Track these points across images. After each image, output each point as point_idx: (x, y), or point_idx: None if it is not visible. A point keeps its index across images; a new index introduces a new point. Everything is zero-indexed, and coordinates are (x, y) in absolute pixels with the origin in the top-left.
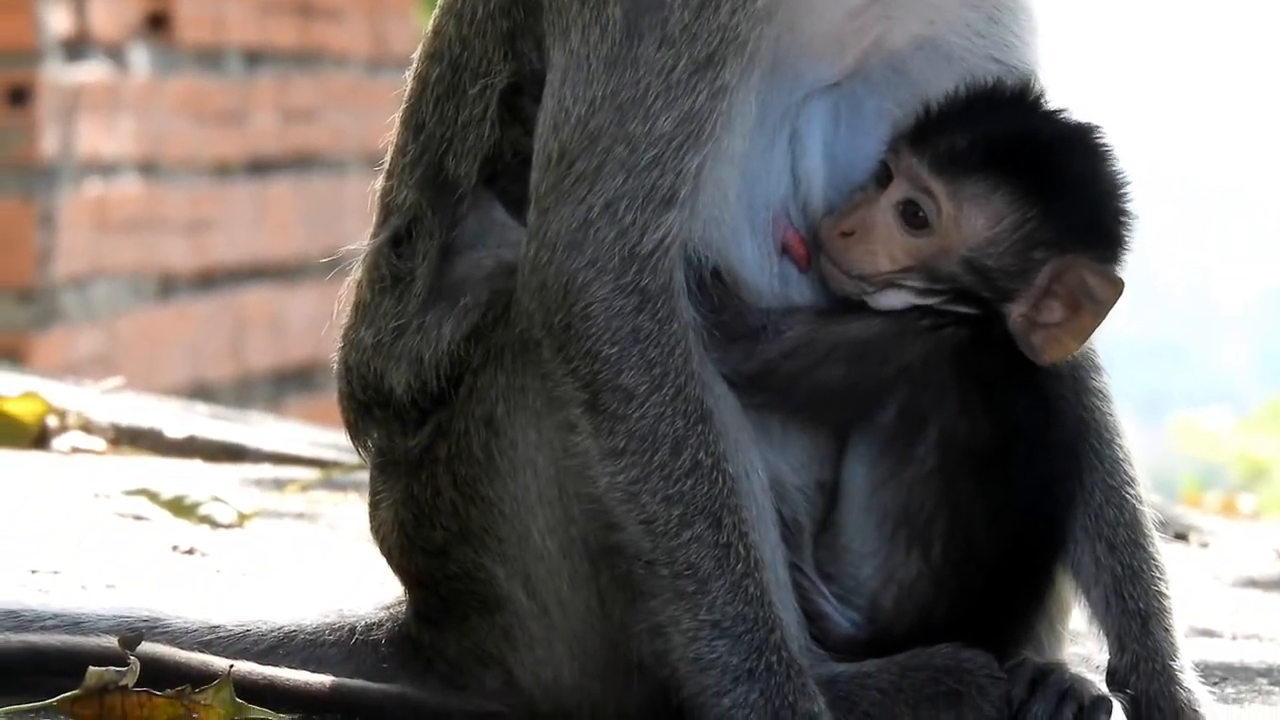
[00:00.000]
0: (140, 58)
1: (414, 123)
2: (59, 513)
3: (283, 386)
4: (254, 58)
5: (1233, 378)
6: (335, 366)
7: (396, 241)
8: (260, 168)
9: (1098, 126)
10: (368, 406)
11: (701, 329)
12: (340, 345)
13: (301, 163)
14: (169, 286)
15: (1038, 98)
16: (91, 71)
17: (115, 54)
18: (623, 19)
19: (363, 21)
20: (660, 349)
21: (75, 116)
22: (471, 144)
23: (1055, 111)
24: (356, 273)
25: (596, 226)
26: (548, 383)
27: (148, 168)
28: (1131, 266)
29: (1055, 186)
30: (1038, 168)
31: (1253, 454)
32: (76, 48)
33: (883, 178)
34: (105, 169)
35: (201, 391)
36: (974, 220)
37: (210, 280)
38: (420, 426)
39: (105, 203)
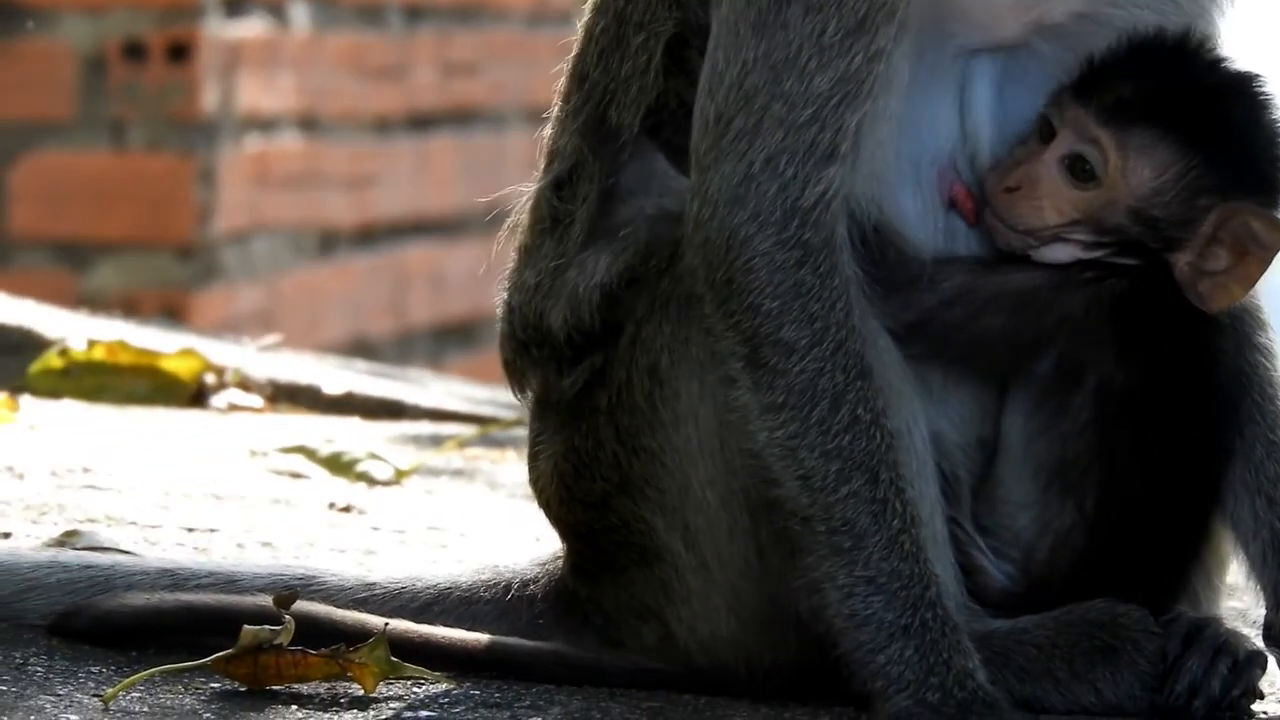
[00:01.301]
0: (300, 13)
1: (579, 73)
2: (216, 471)
3: (443, 342)
4: (414, 12)
5: None
6: (499, 309)
7: (559, 185)
8: (421, 123)
9: (1259, 75)
10: (526, 346)
11: (863, 283)
12: (505, 288)
13: (462, 117)
14: (329, 242)
15: (1198, 47)
16: (251, 27)
17: (275, 9)
18: None
19: None
20: (821, 303)
21: (235, 72)
22: (635, 95)
23: (1216, 60)
24: (520, 216)
25: (758, 181)
26: (709, 337)
27: (308, 123)
28: None
29: (1218, 134)
30: (1200, 116)
31: None
32: (237, 4)
33: (1045, 132)
34: (265, 125)
35: (362, 348)
36: (1141, 170)
37: (371, 236)
38: (575, 365)
39: (265, 159)
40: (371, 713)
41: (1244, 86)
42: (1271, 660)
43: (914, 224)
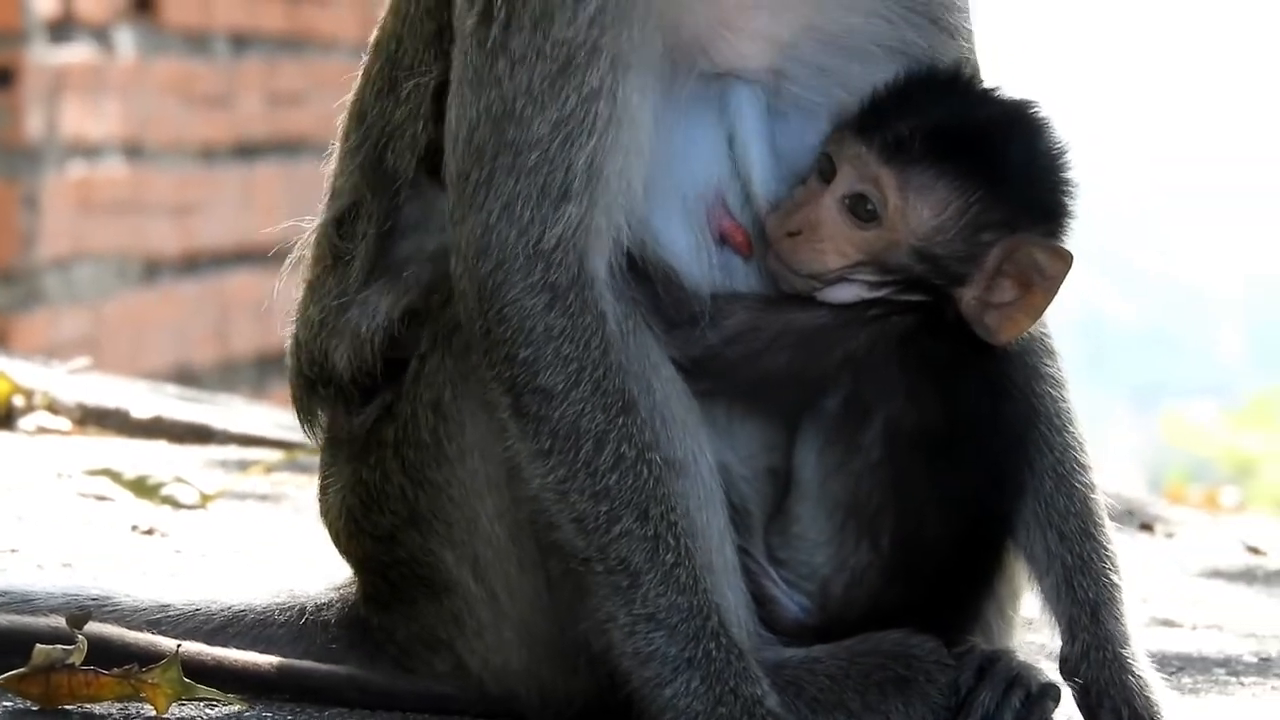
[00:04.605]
0: (126, 39)
1: (358, 111)
2: (20, 492)
3: (266, 370)
4: (241, 41)
5: (1227, 366)
6: (287, 344)
7: (339, 222)
8: (247, 151)
9: (1032, 102)
10: (313, 384)
11: (630, 316)
12: (293, 322)
13: (288, 147)
14: (153, 269)
15: (970, 80)
16: (77, 53)
17: (101, 35)
18: (479, 44)
19: (350, 5)
20: (574, 345)
21: (60, 98)
22: (409, 141)
23: (989, 92)
24: (304, 251)
25: (498, 230)
26: (482, 387)
27: (133, 150)
28: (1127, 257)
29: (995, 168)
30: (976, 151)
31: (1241, 449)
32: (62, 29)
33: (826, 171)
34: (90, 151)
35: (185, 375)
36: (920, 210)
37: (195, 263)
38: (364, 406)
39: (90, 185)
40: None
41: (1019, 116)
42: (1065, 692)
43: (687, 260)
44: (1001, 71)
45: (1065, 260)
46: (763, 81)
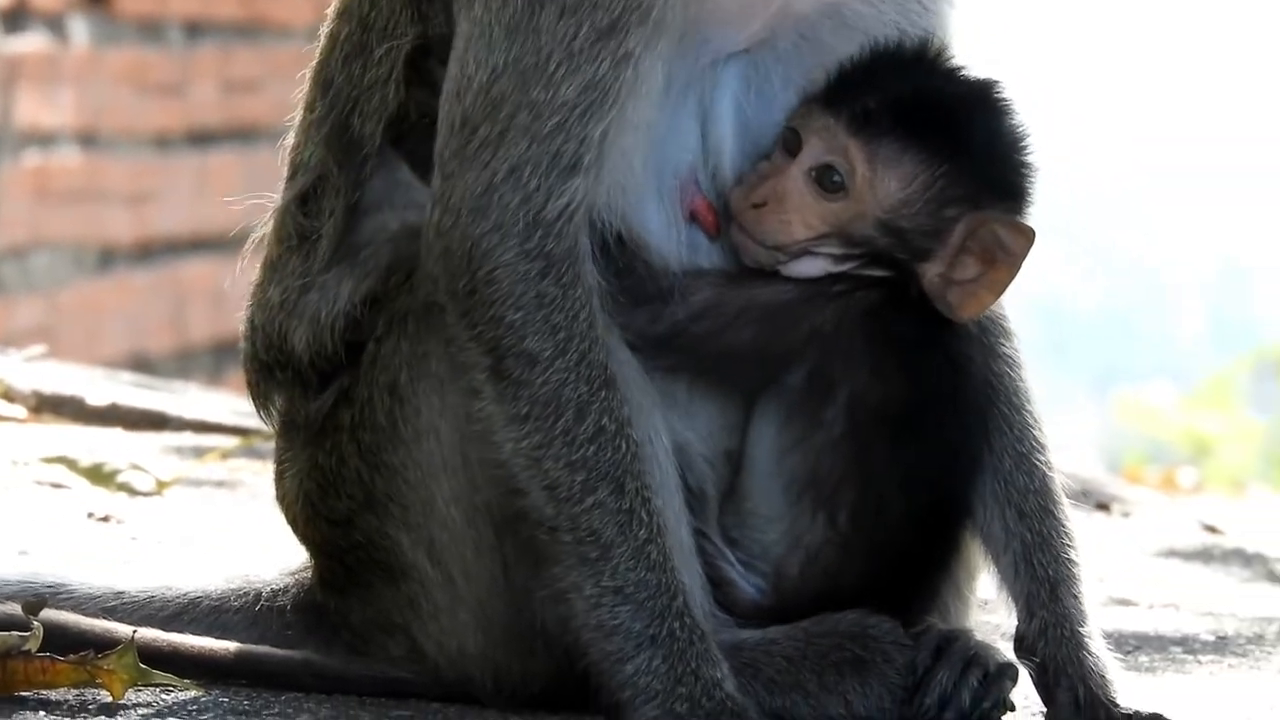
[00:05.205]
0: (80, 28)
1: (323, 79)
2: None
3: (223, 358)
4: (195, 29)
5: (1186, 352)
6: (242, 327)
7: (304, 200)
8: (201, 139)
9: (997, 82)
10: (270, 368)
11: (607, 294)
12: (249, 305)
13: (243, 134)
14: (109, 258)
15: (937, 56)
16: (31, 42)
17: (55, 24)
18: None
19: None
20: (564, 314)
21: (14, 87)
22: (376, 105)
23: (955, 70)
24: (265, 230)
25: (500, 192)
26: (452, 348)
27: (88, 139)
28: (1086, 242)
29: (961, 144)
30: (943, 126)
31: (1198, 429)
32: (16, 18)
33: (792, 144)
34: (45, 140)
35: (141, 363)
36: (888, 181)
37: (150, 251)
38: (321, 390)
39: (45, 173)
40: (119, 719)
41: (985, 94)
42: (1023, 671)
43: (658, 236)
44: (982, 51)
45: (1028, 237)
46: (754, 57)
